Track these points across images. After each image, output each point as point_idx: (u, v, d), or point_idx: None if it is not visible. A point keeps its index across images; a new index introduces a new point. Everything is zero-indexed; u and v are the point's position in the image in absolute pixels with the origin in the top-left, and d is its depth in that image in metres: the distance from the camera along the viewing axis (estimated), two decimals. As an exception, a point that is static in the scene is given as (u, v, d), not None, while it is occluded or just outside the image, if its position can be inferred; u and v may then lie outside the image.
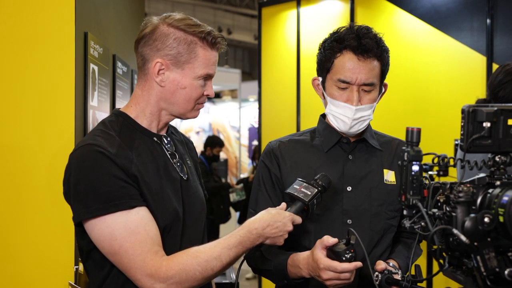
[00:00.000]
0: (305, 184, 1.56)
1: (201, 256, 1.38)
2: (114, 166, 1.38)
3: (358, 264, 1.45)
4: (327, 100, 1.76)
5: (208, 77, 1.54)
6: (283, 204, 1.55)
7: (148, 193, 1.43)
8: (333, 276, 1.49)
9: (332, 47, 1.71)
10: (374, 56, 1.67)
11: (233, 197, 7.24)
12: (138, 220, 1.37)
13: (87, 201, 1.37)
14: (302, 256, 1.61)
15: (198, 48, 1.49)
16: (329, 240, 1.49)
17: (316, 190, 1.55)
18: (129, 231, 1.36)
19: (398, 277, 1.53)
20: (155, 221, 1.41)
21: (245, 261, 1.59)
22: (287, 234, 1.50)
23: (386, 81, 1.79)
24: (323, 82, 1.77)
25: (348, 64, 1.67)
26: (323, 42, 1.77)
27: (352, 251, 1.45)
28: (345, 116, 1.70)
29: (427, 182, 1.21)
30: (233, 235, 1.44)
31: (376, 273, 1.53)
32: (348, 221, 1.73)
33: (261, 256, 1.75)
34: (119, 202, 1.36)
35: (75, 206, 1.40)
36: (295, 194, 1.54)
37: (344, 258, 1.46)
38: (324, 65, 1.74)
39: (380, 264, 1.57)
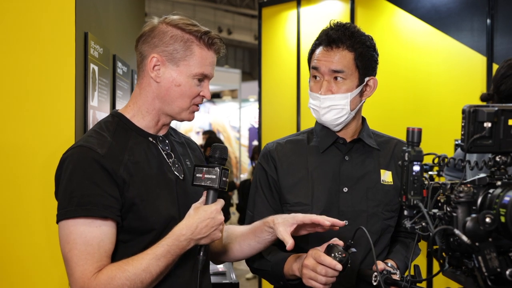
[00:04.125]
0: (205, 168, 1.49)
1: (129, 270, 1.36)
2: (99, 171, 1.39)
3: (338, 265, 1.44)
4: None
5: (204, 78, 1.53)
6: (203, 197, 1.49)
7: (136, 193, 1.44)
8: (311, 264, 1.49)
9: (312, 47, 1.79)
10: (343, 46, 1.70)
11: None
12: (96, 233, 1.37)
13: (62, 202, 1.40)
14: (301, 253, 1.63)
15: (195, 46, 1.50)
16: (336, 240, 1.51)
17: (218, 168, 1.47)
18: (83, 240, 1.36)
19: (396, 277, 1.53)
20: (114, 240, 1.41)
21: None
22: (222, 225, 1.47)
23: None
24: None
25: (318, 55, 1.74)
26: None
27: (344, 255, 1.45)
28: (315, 106, 1.74)
29: (426, 182, 1.20)
30: (161, 244, 1.39)
31: (375, 273, 1.52)
32: (344, 222, 1.73)
33: (260, 257, 1.75)
34: (90, 208, 1.36)
35: (57, 206, 1.42)
36: (203, 184, 1.48)
37: (332, 255, 1.45)
38: (308, 64, 1.81)
39: (379, 264, 1.57)
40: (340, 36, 1.70)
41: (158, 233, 1.45)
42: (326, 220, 1.48)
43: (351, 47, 1.70)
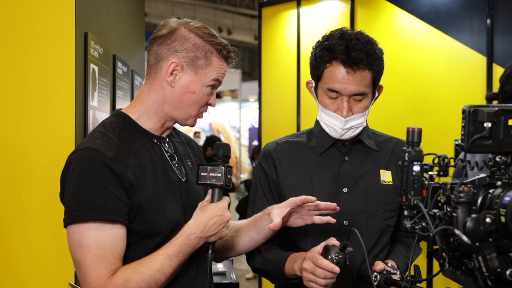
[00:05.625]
0: (209, 167, 1.51)
1: (144, 272, 1.37)
2: (108, 173, 1.38)
3: (336, 268, 1.45)
4: (318, 108, 1.77)
5: (216, 84, 1.55)
6: (209, 196, 1.51)
7: (144, 196, 1.43)
8: (310, 268, 1.49)
9: (322, 56, 1.69)
10: (364, 66, 1.64)
11: (237, 196, 7.37)
12: (109, 236, 1.37)
13: (70, 205, 1.39)
14: (301, 252, 1.64)
15: (214, 57, 1.52)
16: (332, 240, 1.51)
17: (222, 166, 1.49)
18: (96, 243, 1.36)
19: (396, 277, 1.53)
20: (125, 242, 1.41)
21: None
22: (229, 222, 1.49)
23: (386, 81, 1.78)
24: (316, 88, 1.77)
25: (337, 75, 1.66)
26: (315, 47, 1.76)
27: (341, 256, 1.46)
28: (335, 125, 1.70)
29: (426, 182, 1.20)
30: (172, 244, 1.41)
31: (375, 273, 1.52)
32: (344, 222, 1.73)
33: (260, 256, 1.75)
34: (99, 212, 1.36)
35: (64, 209, 1.41)
36: (208, 182, 1.50)
37: (329, 258, 1.46)
38: (315, 72, 1.74)
39: (379, 265, 1.57)
40: (362, 58, 1.64)
41: (164, 236, 1.46)
42: (317, 201, 1.55)
43: (370, 65, 1.65)
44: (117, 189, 1.39)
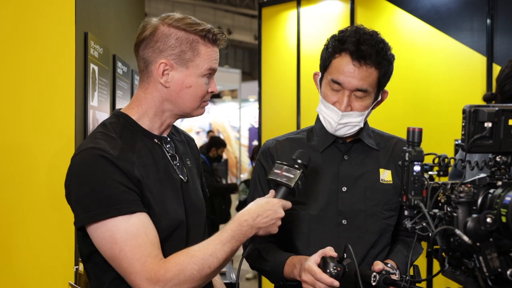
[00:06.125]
0: (285, 167, 1.51)
1: (197, 255, 1.37)
2: (116, 170, 1.37)
3: (335, 283, 1.45)
4: (319, 99, 1.77)
5: (211, 73, 1.53)
6: (272, 192, 1.52)
7: (150, 195, 1.43)
8: (309, 281, 1.50)
9: (333, 46, 1.70)
10: (371, 63, 1.64)
11: (240, 196, 7.41)
12: (139, 224, 1.36)
13: (88, 205, 1.37)
14: (300, 256, 1.63)
15: (200, 45, 1.50)
16: (330, 251, 1.50)
17: (299, 172, 1.50)
18: (129, 235, 1.35)
19: (395, 277, 1.52)
20: (154, 226, 1.40)
21: (244, 261, 1.59)
22: (280, 221, 1.48)
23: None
24: (321, 79, 1.77)
25: (343, 67, 1.66)
26: (329, 39, 1.75)
27: (339, 269, 1.46)
28: (331, 118, 1.70)
29: (425, 182, 1.20)
30: (225, 230, 1.42)
31: (374, 273, 1.52)
32: (343, 221, 1.73)
33: (259, 256, 1.75)
34: (120, 207, 1.35)
35: (76, 211, 1.40)
36: (278, 179, 1.50)
37: (328, 271, 1.46)
38: (324, 62, 1.74)
39: (378, 265, 1.56)
40: (371, 53, 1.63)
41: (167, 237, 1.45)
42: None
43: (378, 64, 1.65)
44: (128, 183, 1.38)
